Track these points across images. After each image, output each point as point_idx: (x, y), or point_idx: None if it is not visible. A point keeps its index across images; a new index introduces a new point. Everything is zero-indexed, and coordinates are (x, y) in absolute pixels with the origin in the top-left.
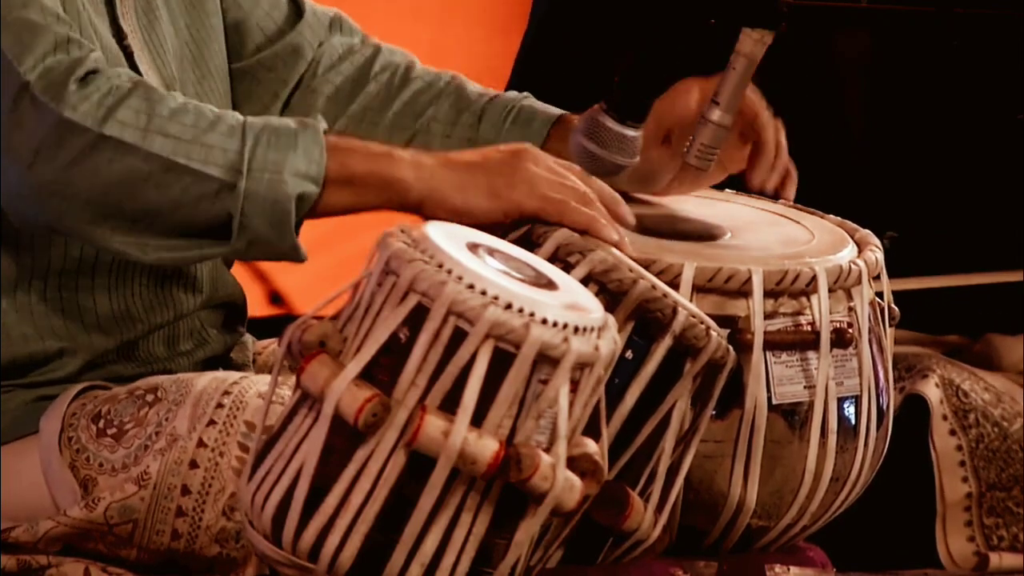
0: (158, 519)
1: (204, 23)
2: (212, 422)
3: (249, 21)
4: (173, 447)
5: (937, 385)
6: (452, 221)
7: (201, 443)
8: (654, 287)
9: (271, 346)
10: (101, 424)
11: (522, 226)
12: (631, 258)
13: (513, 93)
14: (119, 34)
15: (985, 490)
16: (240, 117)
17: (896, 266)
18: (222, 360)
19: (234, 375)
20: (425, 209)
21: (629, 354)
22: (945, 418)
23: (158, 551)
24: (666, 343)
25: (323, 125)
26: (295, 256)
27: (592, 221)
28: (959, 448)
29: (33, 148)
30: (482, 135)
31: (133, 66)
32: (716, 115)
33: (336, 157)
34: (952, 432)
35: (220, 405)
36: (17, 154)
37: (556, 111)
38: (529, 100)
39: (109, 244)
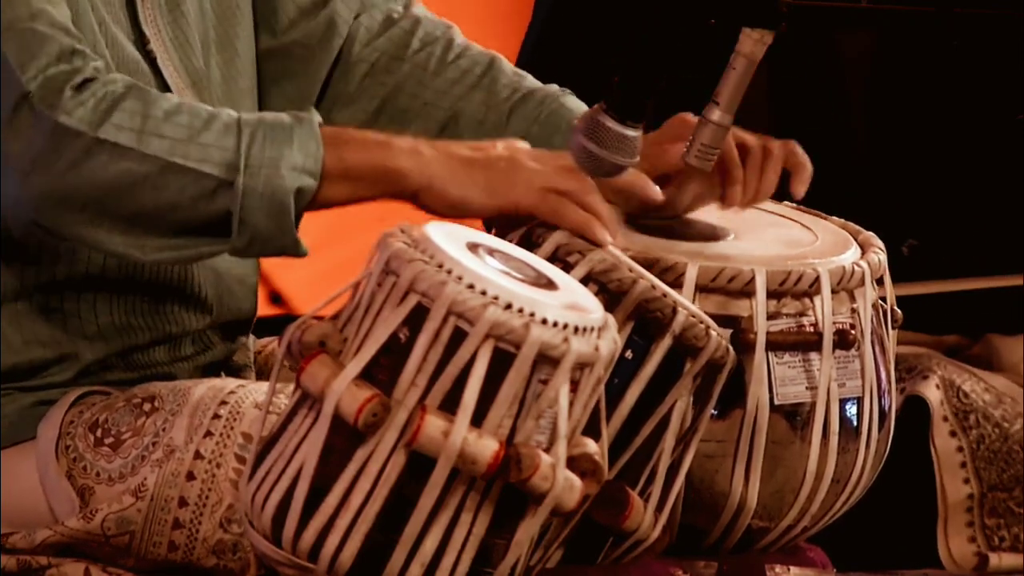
0: (155, 531)
1: (231, 3)
2: (209, 433)
3: None
4: (170, 459)
5: (938, 386)
6: (448, 213)
7: (198, 455)
8: (654, 287)
9: (271, 346)
10: (98, 433)
11: (521, 225)
12: (631, 256)
13: (551, 89)
14: (141, 39)
15: (986, 491)
16: (234, 114)
17: (898, 268)
18: (224, 364)
19: (231, 384)
20: (422, 199)
21: (629, 354)
22: (946, 419)
23: (155, 562)
24: (666, 343)
25: (318, 118)
26: (296, 250)
27: (587, 222)
28: (960, 449)
29: (31, 156)
30: (509, 136)
31: (156, 71)
32: (716, 115)
33: (333, 150)
34: (953, 433)
35: (216, 416)
36: (15, 162)
37: None
38: (562, 100)
39: (108, 246)
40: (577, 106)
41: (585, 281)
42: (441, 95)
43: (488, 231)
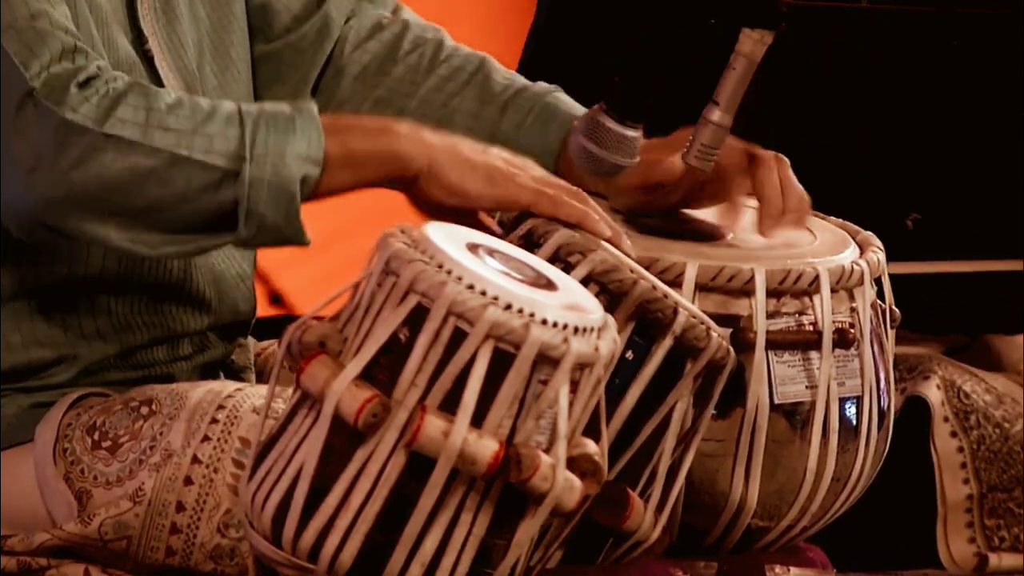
0: (152, 536)
1: (225, 11)
2: (207, 438)
3: (276, 2)
4: (168, 463)
5: (938, 387)
6: (446, 200)
7: (196, 459)
8: (655, 287)
9: (271, 348)
10: (96, 436)
11: (520, 223)
12: (632, 257)
13: (542, 85)
14: (140, 38)
15: (986, 491)
16: (234, 105)
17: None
18: (222, 364)
19: (229, 387)
20: (422, 182)
21: (629, 354)
22: (946, 420)
23: (153, 567)
24: (667, 344)
25: (315, 107)
26: (300, 239)
27: (585, 215)
28: (960, 450)
29: (35, 153)
30: (503, 131)
31: (153, 70)
32: (716, 115)
33: (335, 137)
34: (953, 434)
35: (215, 420)
36: (19, 160)
37: (580, 111)
38: (555, 96)
39: (114, 242)
40: (569, 102)
41: (586, 282)
42: (434, 92)
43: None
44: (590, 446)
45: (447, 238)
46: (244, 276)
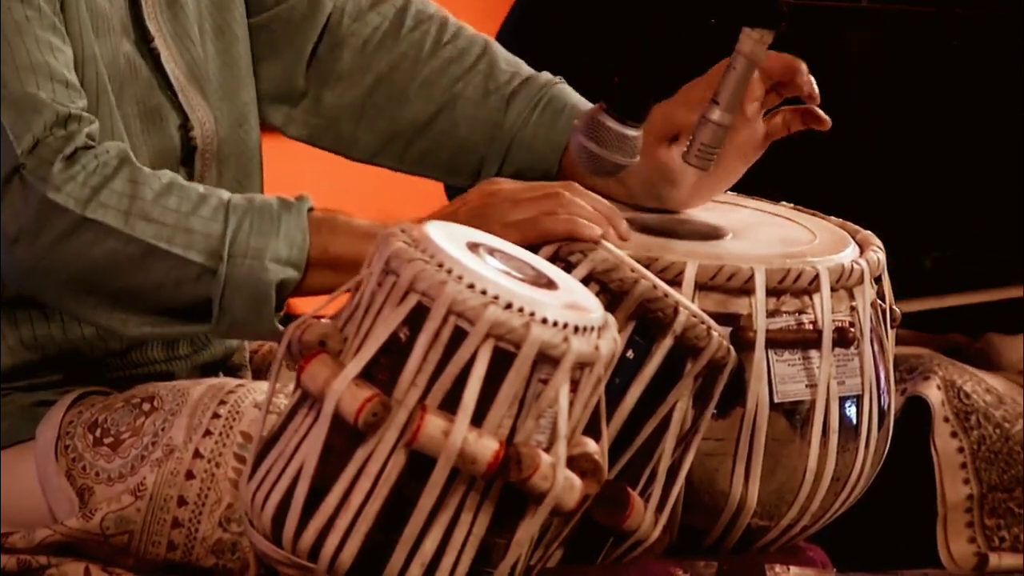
0: (154, 530)
1: None
2: (208, 433)
3: None
4: (169, 458)
5: (939, 387)
6: None
7: (197, 454)
8: (655, 287)
9: (268, 344)
10: (98, 433)
11: None
12: (631, 255)
13: (546, 75)
14: (145, 37)
15: (986, 491)
16: (225, 197)
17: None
18: (222, 363)
19: (231, 383)
20: None
21: (630, 354)
22: (947, 420)
23: (154, 562)
24: (667, 343)
25: (308, 204)
26: (274, 337)
27: (570, 225)
28: (960, 450)
29: (17, 226)
30: (509, 120)
31: (159, 68)
32: (716, 115)
33: (319, 239)
34: (953, 434)
35: (216, 415)
36: (3, 230)
37: (584, 104)
38: (560, 86)
39: (91, 318)
40: (573, 94)
41: (587, 281)
42: (438, 74)
43: None
44: (590, 445)
45: (447, 237)
46: None
